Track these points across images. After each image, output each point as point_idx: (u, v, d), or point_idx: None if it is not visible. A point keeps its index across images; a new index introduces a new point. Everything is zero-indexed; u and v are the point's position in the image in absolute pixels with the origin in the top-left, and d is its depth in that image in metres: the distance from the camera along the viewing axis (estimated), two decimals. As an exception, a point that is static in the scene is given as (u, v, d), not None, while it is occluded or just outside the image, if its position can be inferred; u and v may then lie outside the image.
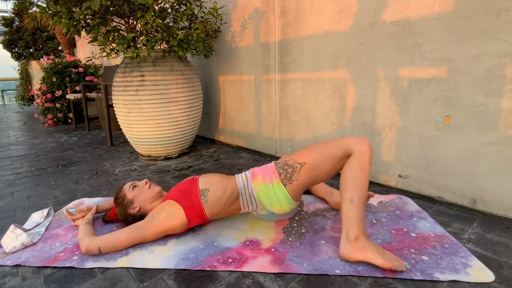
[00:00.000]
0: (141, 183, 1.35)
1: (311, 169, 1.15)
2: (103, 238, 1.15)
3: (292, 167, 1.17)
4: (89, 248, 1.12)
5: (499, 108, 1.27)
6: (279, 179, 1.18)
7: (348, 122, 1.83)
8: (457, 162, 1.42)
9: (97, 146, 2.98)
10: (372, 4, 1.60)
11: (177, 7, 2.28)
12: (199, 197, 1.20)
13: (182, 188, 1.25)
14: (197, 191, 1.22)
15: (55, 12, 1.98)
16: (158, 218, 1.19)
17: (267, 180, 1.21)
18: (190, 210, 1.19)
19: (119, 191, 1.33)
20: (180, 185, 1.28)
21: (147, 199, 1.30)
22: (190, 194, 1.21)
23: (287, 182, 1.17)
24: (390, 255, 1.02)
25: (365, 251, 1.01)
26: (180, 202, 1.20)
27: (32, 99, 6.12)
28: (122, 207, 1.30)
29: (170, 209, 1.20)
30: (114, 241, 1.14)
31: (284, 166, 1.19)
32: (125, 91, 2.18)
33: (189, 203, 1.19)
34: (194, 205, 1.19)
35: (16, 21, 6.68)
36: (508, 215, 1.32)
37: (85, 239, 1.15)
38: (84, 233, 1.19)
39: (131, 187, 1.32)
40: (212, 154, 2.53)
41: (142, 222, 1.20)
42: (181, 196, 1.22)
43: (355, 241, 1.03)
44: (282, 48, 2.12)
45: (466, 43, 1.32)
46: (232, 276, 1.02)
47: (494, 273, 0.99)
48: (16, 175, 2.15)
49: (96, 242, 1.13)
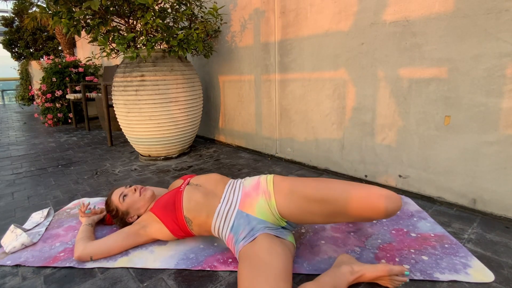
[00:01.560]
0: (130, 191, 1.27)
1: None
2: (96, 245, 1.13)
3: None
4: (81, 256, 1.11)
5: (499, 108, 1.27)
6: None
7: (348, 122, 1.83)
8: (457, 162, 1.42)
9: (97, 146, 2.98)
10: (372, 4, 1.60)
11: (177, 7, 2.28)
12: (185, 224, 1.12)
13: (167, 207, 1.16)
14: (182, 216, 1.12)
15: (55, 12, 1.98)
16: (150, 229, 1.17)
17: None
18: (179, 232, 1.15)
19: (109, 203, 1.28)
20: (165, 201, 1.19)
21: (142, 207, 1.26)
22: (175, 218, 1.13)
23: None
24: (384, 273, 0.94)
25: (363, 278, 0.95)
26: (167, 226, 1.14)
27: (32, 99, 6.12)
28: (119, 219, 1.27)
29: (158, 226, 1.16)
30: (106, 249, 1.13)
31: None
32: (125, 91, 2.18)
33: (175, 227, 1.13)
34: (181, 229, 1.14)
35: (16, 21, 6.68)
36: (508, 215, 1.32)
37: (79, 244, 1.14)
38: (82, 236, 1.19)
39: (120, 198, 1.26)
40: (212, 154, 2.53)
41: (134, 228, 1.18)
42: (168, 218, 1.14)
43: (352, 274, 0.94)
44: (282, 48, 2.12)
45: (466, 43, 1.32)
46: (232, 276, 1.02)
47: (494, 273, 0.99)
48: (16, 175, 2.15)
49: (88, 250, 1.12)
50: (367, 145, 1.76)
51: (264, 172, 2.05)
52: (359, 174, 1.83)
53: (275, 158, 2.34)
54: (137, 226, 1.19)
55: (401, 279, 0.91)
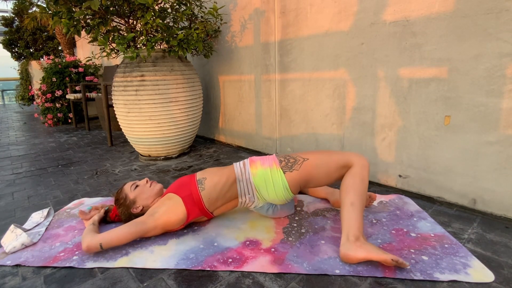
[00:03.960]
0: (142, 182, 1.35)
1: (312, 167, 1.21)
2: (104, 234, 1.15)
3: (294, 159, 1.24)
4: (90, 245, 1.12)
5: (499, 108, 1.27)
6: (279, 165, 1.24)
7: (348, 122, 1.83)
8: (457, 162, 1.42)
9: (97, 146, 2.98)
10: (372, 4, 1.60)
11: (177, 7, 2.28)
12: (196, 186, 1.24)
13: (181, 182, 1.30)
14: (194, 181, 1.27)
15: (55, 12, 1.98)
16: (158, 212, 1.20)
17: (266, 165, 1.26)
18: (188, 200, 1.22)
19: (120, 192, 1.34)
20: (178, 180, 1.33)
21: (149, 197, 1.31)
22: (188, 184, 1.26)
23: (287, 169, 1.22)
24: (390, 254, 1.02)
25: (366, 249, 1.02)
26: (178, 193, 1.23)
27: (32, 99, 6.12)
28: (124, 208, 1.30)
29: (170, 202, 1.22)
30: (116, 237, 1.14)
31: (287, 156, 1.27)
32: (125, 91, 2.18)
33: (187, 193, 1.23)
34: (192, 194, 1.22)
35: (16, 21, 6.68)
36: (508, 215, 1.32)
37: (87, 237, 1.15)
38: (87, 231, 1.20)
39: (132, 187, 1.33)
40: (212, 154, 2.53)
41: (142, 218, 1.21)
42: (180, 188, 1.26)
43: (355, 241, 1.04)
44: (282, 48, 2.12)
45: (466, 43, 1.32)
46: (232, 276, 1.02)
47: (494, 273, 0.99)
48: (16, 175, 2.15)
49: (97, 239, 1.13)
50: (367, 145, 1.76)
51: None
52: (359, 174, 1.83)
53: (275, 158, 2.34)
54: (146, 216, 1.22)
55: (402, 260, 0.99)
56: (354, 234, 1.05)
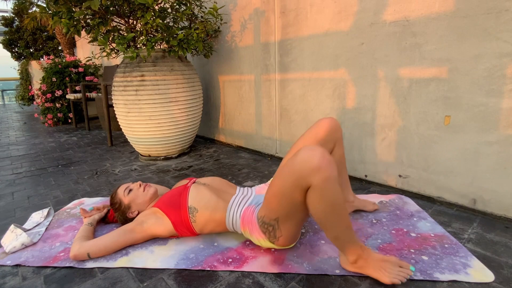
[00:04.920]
0: (135, 186, 1.32)
1: (287, 219, 1.01)
2: (92, 243, 1.14)
3: (271, 225, 1.04)
4: (77, 254, 1.11)
5: (499, 108, 1.27)
6: (266, 238, 1.08)
7: (348, 122, 1.83)
8: (457, 162, 1.42)
9: (97, 146, 2.98)
10: (372, 4, 1.60)
11: (177, 7, 2.28)
12: (187, 215, 1.16)
13: (172, 200, 1.21)
14: (185, 207, 1.17)
15: (55, 12, 1.98)
16: (147, 223, 1.19)
17: (256, 236, 1.10)
18: (179, 225, 1.17)
19: (114, 196, 1.32)
20: (171, 195, 1.24)
21: (144, 202, 1.30)
22: (179, 208, 1.17)
23: (274, 240, 1.07)
24: (392, 261, 0.97)
25: (366, 269, 0.98)
26: (169, 216, 1.18)
27: (32, 99, 6.12)
28: (120, 213, 1.30)
29: (160, 216, 1.19)
30: (103, 246, 1.13)
31: (265, 225, 1.06)
32: (125, 91, 2.18)
33: (177, 219, 1.17)
34: (182, 221, 1.17)
35: (16, 21, 6.67)
36: (508, 215, 1.32)
37: (76, 243, 1.14)
38: (79, 236, 1.19)
39: (126, 192, 1.30)
40: (212, 154, 2.53)
41: (131, 225, 1.20)
42: (170, 209, 1.18)
43: (354, 263, 0.99)
44: (282, 48, 2.12)
45: (466, 43, 1.32)
46: (232, 276, 1.02)
47: (494, 273, 0.99)
48: (16, 175, 2.15)
49: (85, 248, 1.12)
50: (367, 145, 1.76)
51: (264, 172, 2.05)
52: (359, 174, 1.83)
53: (275, 158, 2.34)
54: (135, 223, 1.20)
55: (406, 271, 0.95)
56: (351, 258, 0.98)
